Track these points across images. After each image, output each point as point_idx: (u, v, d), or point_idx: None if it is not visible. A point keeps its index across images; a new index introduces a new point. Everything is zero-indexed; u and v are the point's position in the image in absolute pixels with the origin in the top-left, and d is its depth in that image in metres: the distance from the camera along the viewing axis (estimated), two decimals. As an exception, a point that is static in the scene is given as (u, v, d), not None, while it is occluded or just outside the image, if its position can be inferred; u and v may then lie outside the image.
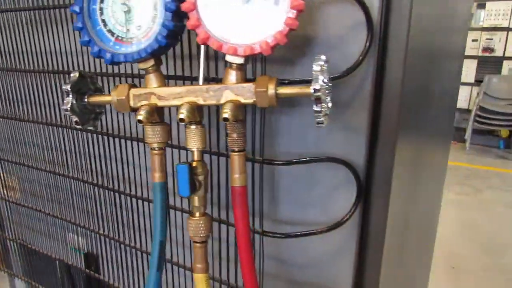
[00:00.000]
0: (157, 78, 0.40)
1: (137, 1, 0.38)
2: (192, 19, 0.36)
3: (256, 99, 0.36)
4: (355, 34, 0.40)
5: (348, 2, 0.39)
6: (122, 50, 0.38)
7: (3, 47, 0.69)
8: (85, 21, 0.39)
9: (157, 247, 0.41)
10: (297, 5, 0.34)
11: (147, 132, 0.40)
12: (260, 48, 0.35)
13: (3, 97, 0.73)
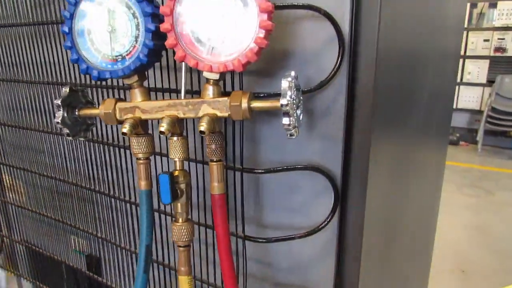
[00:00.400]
0: (141, 93, 0.43)
1: (121, 22, 0.41)
2: (170, 38, 0.39)
3: (230, 112, 0.39)
4: (329, 48, 0.42)
5: (321, 18, 0.41)
6: (108, 67, 0.41)
7: (7, 59, 0.72)
8: (74, 40, 0.42)
9: (144, 250, 0.44)
10: (265, 26, 0.36)
11: (132, 143, 0.43)
12: (233, 65, 0.37)
13: (8, 106, 0.77)
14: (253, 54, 0.37)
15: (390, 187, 0.57)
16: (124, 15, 0.41)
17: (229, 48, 0.38)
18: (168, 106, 0.41)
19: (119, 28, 0.41)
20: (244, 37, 0.38)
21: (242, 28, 0.38)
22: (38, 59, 0.67)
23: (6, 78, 0.74)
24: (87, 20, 0.42)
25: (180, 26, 0.39)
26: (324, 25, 0.41)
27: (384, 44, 0.41)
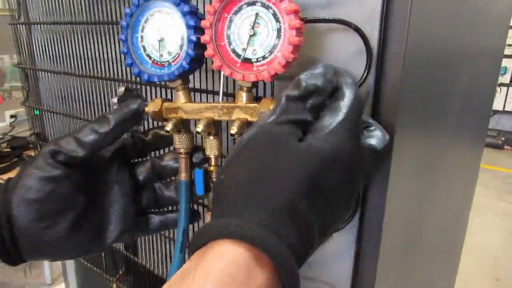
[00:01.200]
0: (184, 95, 0.48)
1: (169, 32, 0.46)
2: (209, 49, 0.44)
3: (259, 118, 0.43)
4: (357, 59, 0.44)
5: (351, 31, 0.43)
6: (157, 72, 0.47)
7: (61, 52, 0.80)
8: (129, 47, 0.48)
9: (181, 233, 0.49)
10: (293, 42, 0.40)
11: (175, 139, 0.48)
12: (262, 76, 0.41)
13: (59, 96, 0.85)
14: (280, 66, 0.41)
15: (414, 190, 0.58)
16: (171, 26, 0.46)
17: (261, 60, 0.42)
18: (206, 108, 0.46)
19: (167, 37, 0.46)
20: (274, 51, 0.41)
21: (272, 42, 0.41)
22: (91, 54, 0.74)
23: (59, 70, 0.82)
24: (140, 29, 0.48)
25: (219, 38, 0.44)
26: (353, 38, 0.43)
27: (412, 56, 0.43)
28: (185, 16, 0.44)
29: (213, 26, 0.43)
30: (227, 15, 0.43)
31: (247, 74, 0.42)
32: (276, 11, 0.41)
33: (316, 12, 0.45)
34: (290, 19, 0.40)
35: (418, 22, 0.42)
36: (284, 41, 0.41)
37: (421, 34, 0.44)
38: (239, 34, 0.43)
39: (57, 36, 0.80)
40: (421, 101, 0.51)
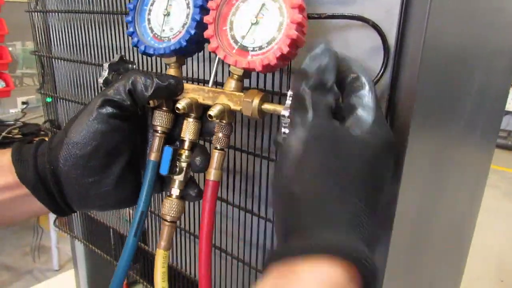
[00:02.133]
0: (175, 74, 0.47)
1: (176, 9, 0.46)
2: (209, 30, 0.43)
3: (242, 107, 0.42)
4: (374, 55, 0.44)
5: (368, 28, 0.43)
6: (155, 45, 0.47)
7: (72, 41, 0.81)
8: (135, 17, 0.48)
9: (138, 216, 0.46)
10: (291, 35, 0.39)
11: (155, 116, 0.47)
12: (254, 66, 0.40)
13: (72, 83, 0.86)
14: (274, 58, 0.40)
15: (425, 189, 0.56)
16: (180, 4, 0.46)
17: (257, 49, 0.42)
18: (192, 90, 0.45)
19: (173, 14, 0.46)
20: (273, 42, 0.41)
21: (272, 35, 0.41)
22: (106, 43, 0.75)
23: (75, 58, 0.83)
24: (150, 3, 0.48)
25: (221, 22, 0.43)
26: (370, 35, 0.43)
27: (429, 54, 0.42)
28: None
29: (219, 9, 0.43)
30: (235, 2, 0.43)
31: (240, 60, 0.42)
32: (282, 5, 0.41)
33: (333, 9, 0.45)
34: (293, 13, 0.39)
35: (436, 19, 0.41)
36: (283, 34, 0.40)
37: (438, 31, 0.44)
38: (242, 21, 0.43)
39: (73, 24, 0.81)
40: (435, 99, 0.50)
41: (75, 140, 0.42)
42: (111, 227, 0.91)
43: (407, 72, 0.43)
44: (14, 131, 2.01)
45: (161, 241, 0.47)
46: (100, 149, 0.43)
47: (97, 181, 0.43)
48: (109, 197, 0.45)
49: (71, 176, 0.42)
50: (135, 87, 0.43)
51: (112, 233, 0.93)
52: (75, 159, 0.42)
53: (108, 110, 0.43)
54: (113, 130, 0.43)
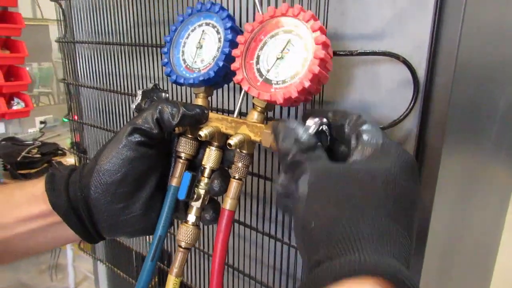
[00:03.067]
0: (203, 104, 0.49)
1: (209, 42, 0.49)
2: (236, 63, 0.45)
3: (261, 138, 0.44)
4: (402, 89, 0.45)
5: (395, 62, 0.44)
6: (186, 75, 0.49)
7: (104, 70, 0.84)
8: (171, 49, 0.51)
9: (156, 240, 0.47)
10: (313, 70, 0.40)
11: (180, 142, 0.48)
12: (276, 98, 0.42)
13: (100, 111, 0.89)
14: (295, 91, 0.41)
15: (453, 213, 0.56)
16: (213, 37, 0.49)
17: (280, 83, 0.43)
18: (216, 119, 0.47)
19: (205, 47, 0.49)
20: (296, 76, 0.42)
21: (296, 69, 0.42)
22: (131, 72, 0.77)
23: (97, 86, 0.86)
24: (186, 36, 0.51)
25: (248, 56, 0.46)
26: (399, 68, 0.44)
27: (459, 86, 0.43)
28: (226, 29, 0.47)
29: (247, 44, 0.45)
30: (263, 38, 0.45)
31: (263, 93, 0.43)
32: (307, 41, 0.42)
33: (362, 43, 0.47)
34: (316, 49, 0.41)
35: (465, 51, 0.43)
36: (306, 69, 0.42)
37: (468, 62, 0.45)
38: (268, 56, 0.45)
39: (99, 54, 0.84)
40: (465, 124, 0.51)
41: (105, 167, 0.43)
42: (133, 249, 0.92)
43: (437, 105, 0.44)
44: (33, 151, 2.04)
45: (173, 267, 0.48)
46: (129, 176, 0.44)
47: (125, 207, 0.45)
48: (137, 223, 0.46)
49: (101, 203, 0.44)
50: (162, 116, 0.45)
51: (134, 255, 0.94)
52: (105, 186, 0.43)
53: (137, 138, 0.44)
54: (142, 157, 0.45)
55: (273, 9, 0.44)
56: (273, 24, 0.44)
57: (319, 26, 0.41)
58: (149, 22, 0.70)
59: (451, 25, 0.42)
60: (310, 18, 0.41)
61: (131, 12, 0.73)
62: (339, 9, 0.48)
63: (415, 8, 0.44)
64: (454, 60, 0.42)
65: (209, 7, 0.48)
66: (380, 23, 0.46)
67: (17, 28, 1.96)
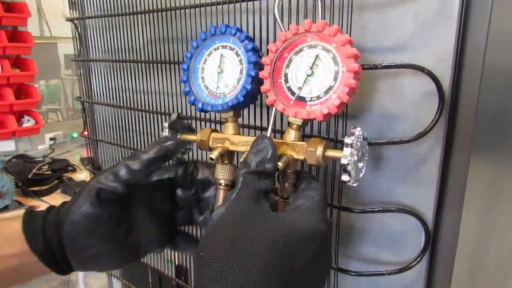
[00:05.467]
0: (233, 127, 0.47)
1: (229, 65, 0.46)
2: (265, 84, 0.43)
3: (305, 156, 0.42)
4: (427, 101, 0.44)
5: (419, 74, 0.43)
6: (211, 102, 0.47)
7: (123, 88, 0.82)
8: (190, 76, 0.49)
9: None
10: (349, 84, 0.39)
11: (217, 169, 0.47)
12: (315, 115, 0.40)
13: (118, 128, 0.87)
14: (334, 107, 0.39)
15: (480, 224, 0.55)
16: (232, 60, 0.46)
17: (315, 99, 0.42)
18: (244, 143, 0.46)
19: (226, 71, 0.47)
20: (329, 92, 0.41)
21: (329, 84, 0.41)
22: (144, 89, 0.76)
23: (117, 104, 0.84)
24: (203, 61, 0.49)
25: (276, 75, 0.44)
26: (423, 81, 0.43)
27: (485, 98, 0.42)
28: (248, 52, 0.44)
29: (273, 64, 0.43)
30: (287, 55, 0.43)
31: (300, 111, 0.41)
32: (336, 55, 0.40)
33: (384, 56, 0.45)
34: (349, 62, 0.39)
35: (492, 62, 0.41)
36: (340, 83, 0.40)
37: (494, 72, 0.43)
38: (296, 73, 0.43)
39: (115, 72, 0.82)
40: (492, 134, 0.49)
41: (73, 219, 0.45)
42: (149, 265, 0.90)
43: (463, 116, 0.42)
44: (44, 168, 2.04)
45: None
46: (97, 230, 0.45)
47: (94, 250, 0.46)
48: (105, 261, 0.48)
49: (72, 240, 0.45)
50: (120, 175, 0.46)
51: (150, 271, 0.92)
52: (75, 234, 0.45)
53: (104, 194, 0.45)
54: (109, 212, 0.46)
55: (295, 26, 0.42)
56: (297, 41, 0.42)
57: (347, 39, 0.39)
58: (164, 39, 0.67)
59: (477, 35, 0.40)
60: (336, 32, 0.39)
61: (146, 30, 0.70)
62: (359, 22, 0.46)
63: (439, 20, 0.41)
64: (480, 71, 0.40)
65: (224, 30, 0.46)
66: (402, 35, 0.44)
67: (27, 47, 1.95)
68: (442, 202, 0.46)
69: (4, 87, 1.89)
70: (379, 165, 0.49)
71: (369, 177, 0.50)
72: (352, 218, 0.53)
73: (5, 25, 1.86)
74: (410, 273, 0.49)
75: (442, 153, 0.44)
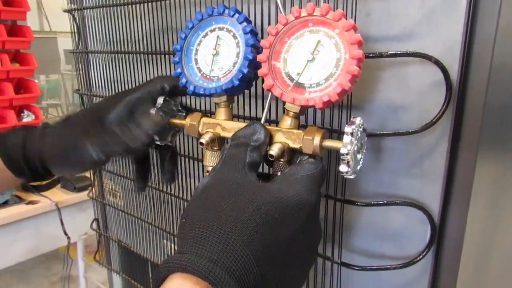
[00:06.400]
0: (226, 113, 0.44)
1: (225, 48, 0.43)
2: (263, 68, 0.40)
3: (302, 145, 0.39)
4: (434, 91, 0.41)
5: (427, 63, 0.40)
6: (204, 85, 0.44)
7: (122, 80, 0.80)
8: (182, 58, 0.45)
9: None
10: (352, 71, 0.36)
11: (206, 156, 0.44)
12: (314, 102, 0.37)
13: None
14: (335, 94, 0.36)
15: (487, 223, 0.53)
16: (229, 43, 0.43)
17: (314, 86, 0.39)
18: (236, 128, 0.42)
19: (222, 53, 0.44)
20: (330, 79, 0.38)
21: (330, 71, 0.38)
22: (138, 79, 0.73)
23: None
24: (197, 43, 0.46)
25: (274, 59, 0.40)
26: (429, 71, 0.41)
27: (495, 86, 0.40)
28: (246, 34, 0.41)
29: (272, 47, 0.40)
30: (287, 40, 0.40)
31: (298, 98, 0.38)
32: (338, 41, 0.37)
33: (389, 45, 0.43)
34: (352, 48, 0.36)
35: (501, 51, 0.39)
36: (342, 70, 0.37)
37: (504, 62, 0.40)
38: (296, 58, 0.40)
39: (114, 63, 0.79)
40: (500, 126, 0.47)
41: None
42: (149, 260, 0.86)
43: (471, 106, 0.40)
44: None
45: None
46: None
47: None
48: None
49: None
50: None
51: (150, 265, 0.89)
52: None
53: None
54: None
55: (297, 9, 0.39)
56: (298, 25, 0.40)
57: (351, 24, 0.36)
58: (164, 29, 0.64)
59: (486, 23, 0.38)
60: (341, 16, 0.37)
61: (144, 20, 0.67)
62: (364, 10, 0.44)
63: (445, 7, 0.39)
64: (489, 60, 0.38)
65: (222, 11, 0.43)
66: (407, 23, 0.41)
67: (27, 41, 1.92)
68: (448, 195, 0.44)
69: (3, 82, 1.86)
70: (383, 157, 0.46)
71: (372, 169, 0.47)
72: (355, 211, 0.50)
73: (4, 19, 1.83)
74: (414, 268, 0.46)
75: (449, 145, 0.41)
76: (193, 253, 0.30)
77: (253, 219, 0.32)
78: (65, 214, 1.65)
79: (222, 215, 0.32)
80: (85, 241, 1.90)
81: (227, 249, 0.30)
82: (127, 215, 0.87)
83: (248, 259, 0.30)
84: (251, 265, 0.31)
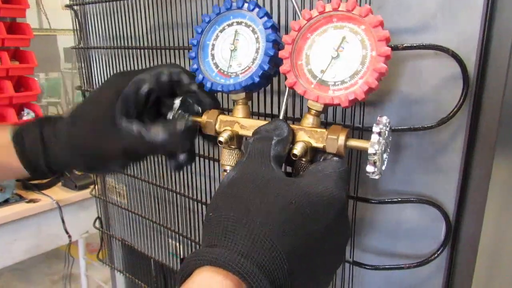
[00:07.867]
0: (244, 110, 0.42)
1: (244, 43, 0.41)
2: (285, 65, 0.38)
3: (326, 144, 0.37)
4: (450, 85, 0.39)
5: (444, 56, 0.38)
6: (222, 81, 0.41)
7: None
8: (198, 53, 0.43)
9: None
10: (379, 69, 0.34)
11: (224, 154, 0.41)
12: (339, 100, 0.35)
13: None
14: (362, 92, 0.34)
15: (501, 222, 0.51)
16: (248, 38, 0.41)
17: (339, 84, 0.37)
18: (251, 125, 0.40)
19: (240, 49, 0.41)
20: (356, 76, 0.36)
21: (355, 68, 0.36)
22: None
23: None
24: (214, 38, 0.43)
25: (297, 56, 0.38)
26: (445, 64, 0.39)
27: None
28: (267, 29, 0.39)
29: (294, 43, 0.38)
30: (309, 35, 0.38)
31: (322, 96, 0.36)
32: (364, 38, 0.35)
33: (404, 38, 0.41)
34: (380, 45, 0.34)
35: None
36: (368, 67, 0.35)
37: None
38: (319, 55, 0.37)
39: (116, 59, 0.77)
40: None
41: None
42: (152, 258, 0.84)
43: (489, 100, 0.38)
44: (43, 161, 1.99)
45: None
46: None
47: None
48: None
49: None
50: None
51: (153, 264, 0.87)
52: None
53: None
54: None
55: (322, 4, 0.36)
56: (322, 21, 0.37)
57: (379, 20, 0.34)
58: (167, 24, 0.62)
59: (506, 13, 0.36)
60: (368, 12, 0.34)
61: (147, 14, 0.65)
62: (375, 3, 0.42)
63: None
64: (508, 52, 0.36)
65: (241, 4, 0.41)
66: (422, 16, 0.40)
67: (26, 39, 1.89)
68: (464, 193, 0.42)
69: (3, 80, 1.83)
70: (396, 153, 0.45)
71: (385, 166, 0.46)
72: (368, 209, 0.48)
73: (4, 16, 1.79)
74: (427, 267, 0.45)
75: (466, 141, 0.39)
76: (223, 246, 0.29)
77: (284, 214, 0.30)
78: (66, 212, 1.62)
79: (252, 208, 0.31)
80: (86, 239, 1.87)
81: (258, 243, 0.29)
82: (131, 213, 0.85)
83: (278, 254, 0.29)
84: (281, 261, 0.29)
